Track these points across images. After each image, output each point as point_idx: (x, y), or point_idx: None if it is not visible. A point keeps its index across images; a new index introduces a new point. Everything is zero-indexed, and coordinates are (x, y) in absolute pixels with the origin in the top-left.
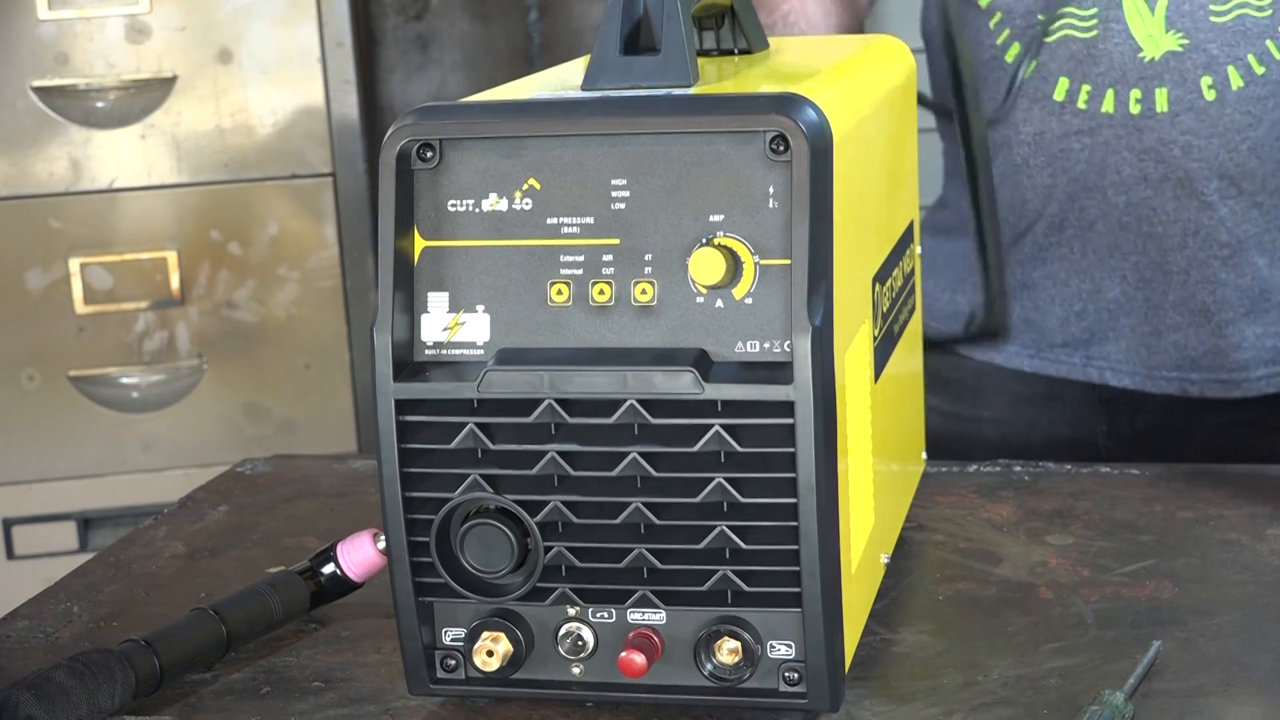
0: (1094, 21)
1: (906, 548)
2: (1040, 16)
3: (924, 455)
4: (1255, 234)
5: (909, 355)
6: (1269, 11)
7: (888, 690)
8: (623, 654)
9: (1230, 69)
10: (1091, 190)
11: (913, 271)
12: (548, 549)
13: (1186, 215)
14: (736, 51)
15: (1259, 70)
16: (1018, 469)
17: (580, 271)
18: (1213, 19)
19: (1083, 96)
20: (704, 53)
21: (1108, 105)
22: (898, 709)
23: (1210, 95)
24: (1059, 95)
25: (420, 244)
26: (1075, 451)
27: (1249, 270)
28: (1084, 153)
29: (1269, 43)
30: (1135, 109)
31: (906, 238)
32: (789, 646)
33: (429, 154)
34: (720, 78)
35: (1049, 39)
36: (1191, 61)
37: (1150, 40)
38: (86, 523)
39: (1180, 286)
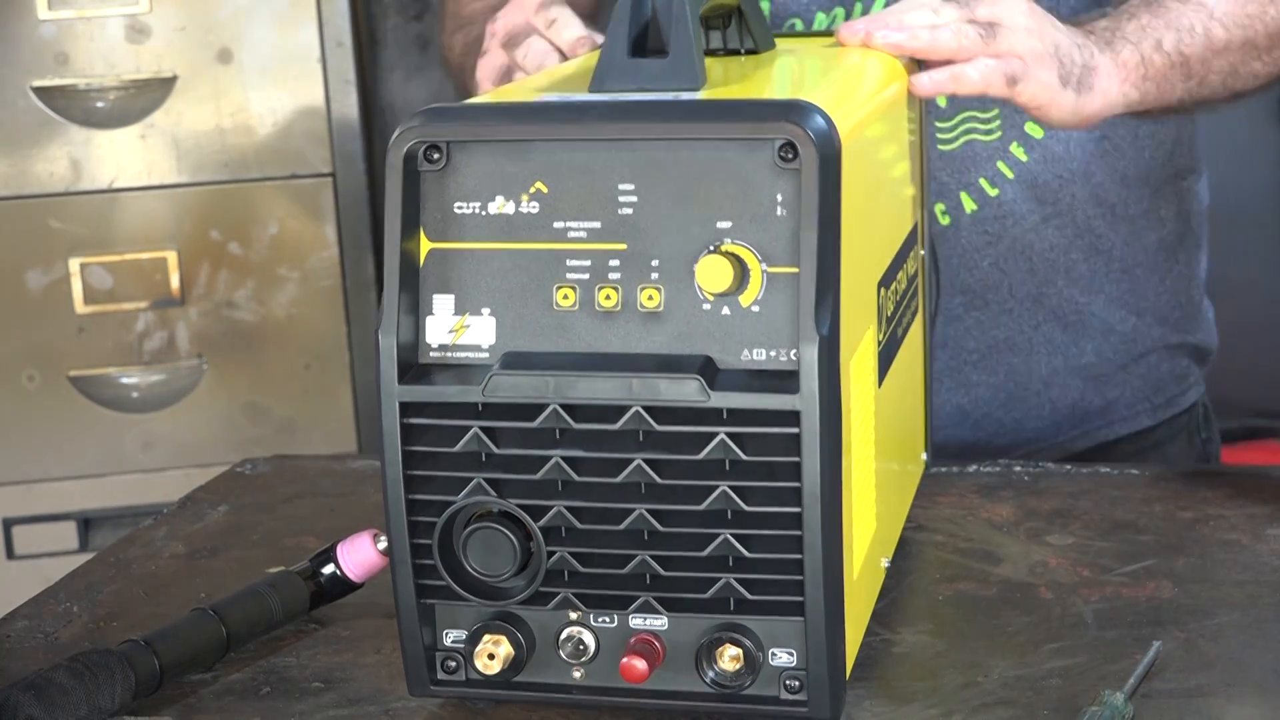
0: None
1: (906, 548)
2: None
3: (924, 456)
4: (1007, 337)
5: (912, 358)
6: (998, 134)
7: (888, 691)
8: (624, 659)
9: (963, 194)
10: None
11: (916, 274)
12: (550, 553)
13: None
14: (743, 51)
15: (991, 192)
16: (1018, 469)
17: (586, 276)
18: (941, 148)
19: None
20: (710, 52)
21: None
22: (898, 709)
23: (945, 220)
24: None
25: (426, 246)
26: None
27: (1001, 369)
28: None
29: (999, 164)
30: None
31: (911, 240)
32: (790, 654)
33: (436, 156)
34: (728, 80)
35: None
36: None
37: None
38: (86, 523)
39: (935, 394)
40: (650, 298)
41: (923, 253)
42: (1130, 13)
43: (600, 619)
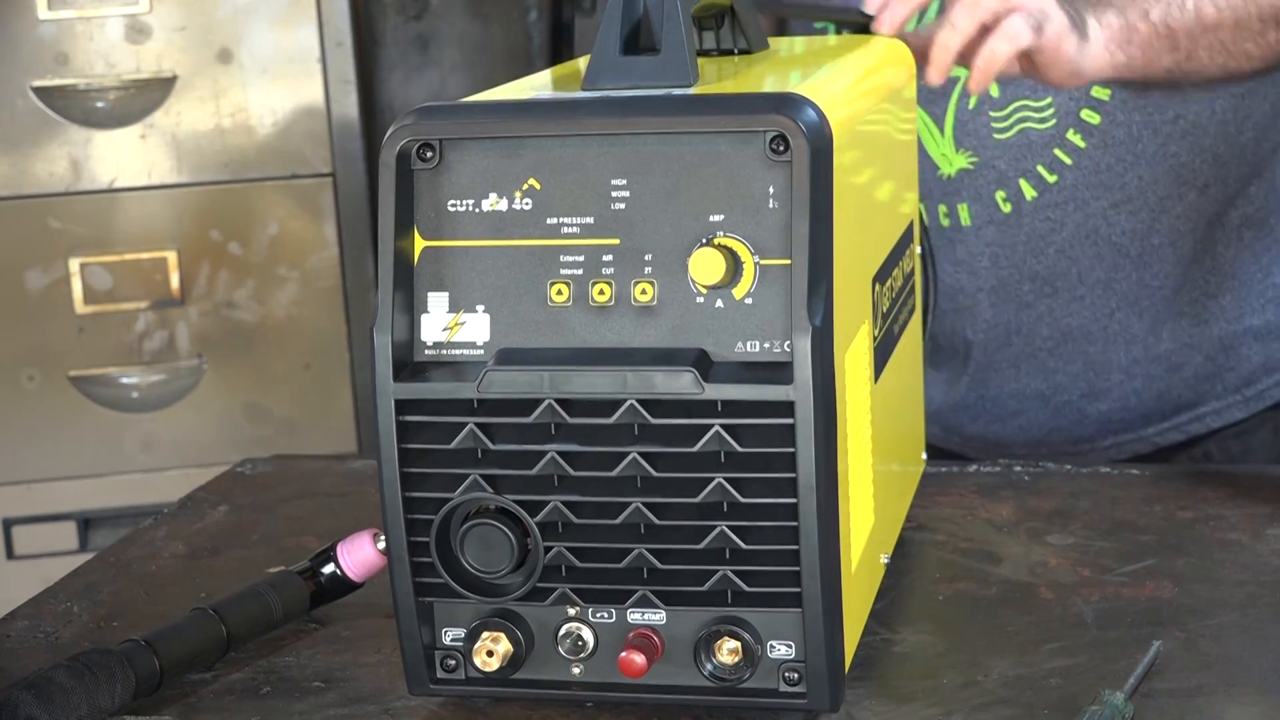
0: None
1: (906, 548)
2: None
3: (924, 455)
4: (1080, 325)
5: (909, 355)
6: (1051, 122)
7: (888, 690)
8: (623, 654)
9: (1021, 181)
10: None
11: (912, 271)
12: (548, 549)
13: (1005, 319)
14: (736, 51)
15: (1050, 179)
16: (1018, 469)
17: (580, 271)
18: (996, 136)
19: None
20: (704, 53)
21: (927, 218)
22: (898, 709)
23: (1006, 208)
24: None
25: (420, 244)
26: None
27: (1078, 358)
28: None
29: (1056, 151)
30: (945, 222)
31: (906, 238)
32: (789, 646)
33: (429, 154)
34: (720, 78)
35: None
36: (983, 177)
37: (944, 159)
38: (86, 523)
39: (1012, 380)
40: (644, 292)
41: (919, 249)
42: None
43: (598, 614)
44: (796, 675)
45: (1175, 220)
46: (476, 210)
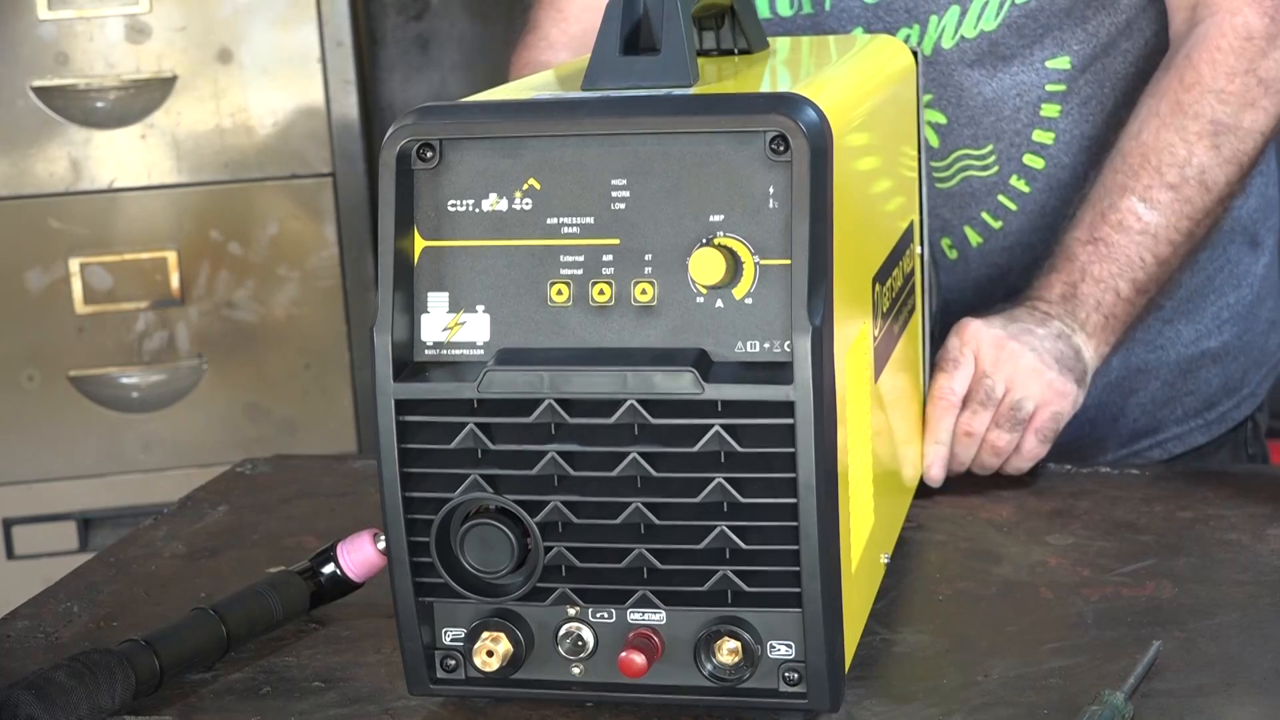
0: None
1: (906, 548)
2: None
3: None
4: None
5: (909, 356)
6: (994, 169)
7: (888, 690)
8: (623, 654)
9: (966, 229)
10: None
11: (913, 271)
12: (548, 549)
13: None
14: (736, 51)
15: (995, 225)
16: None
17: (580, 271)
18: (939, 185)
19: None
20: (704, 53)
21: None
22: (898, 709)
23: (953, 255)
24: None
25: (420, 244)
26: None
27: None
28: None
29: (1000, 197)
30: None
31: (906, 238)
32: (789, 646)
33: (429, 154)
34: (720, 78)
35: None
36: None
37: None
38: (86, 523)
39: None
40: (644, 292)
41: (920, 250)
42: (1080, 266)
43: (598, 614)
44: (796, 675)
45: None
46: (476, 210)
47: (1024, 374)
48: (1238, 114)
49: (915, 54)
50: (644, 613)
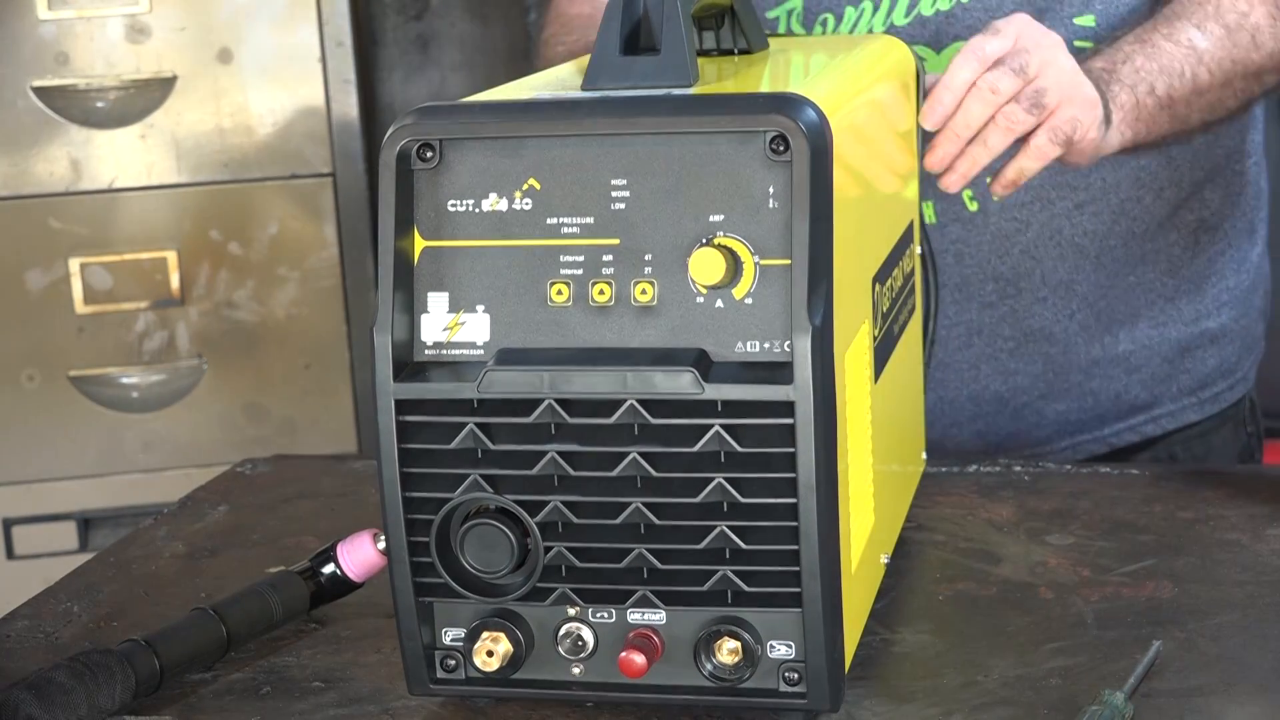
0: None
1: (906, 548)
2: None
3: (924, 455)
4: (1042, 326)
5: (909, 355)
6: None
7: (888, 690)
8: (623, 654)
9: (989, 180)
10: None
11: (912, 272)
12: (548, 549)
13: (967, 318)
14: (736, 51)
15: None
16: (1017, 469)
17: (580, 271)
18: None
19: None
20: (704, 53)
21: None
22: (898, 709)
23: (973, 206)
24: None
25: (420, 244)
26: None
27: (1039, 359)
28: None
29: None
30: None
31: (906, 238)
32: (789, 646)
33: (429, 154)
34: (720, 78)
35: None
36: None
37: None
38: (86, 523)
39: (972, 382)
40: (644, 292)
41: (919, 250)
42: (1125, 54)
43: (598, 614)
44: (796, 675)
45: (1132, 223)
46: (476, 210)
47: (1058, 68)
48: None
49: (916, 56)
50: (644, 613)
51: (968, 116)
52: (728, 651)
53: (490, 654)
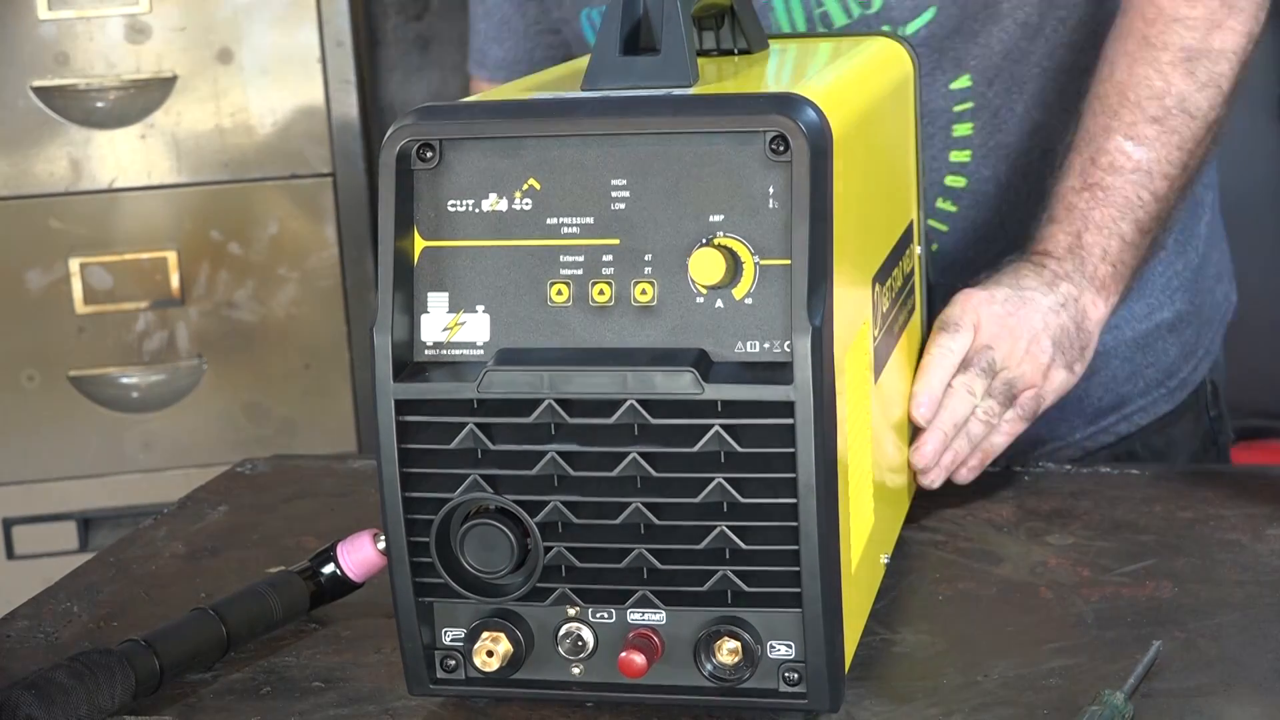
0: None
1: (906, 548)
2: None
3: None
4: None
5: (909, 355)
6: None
7: (888, 690)
8: (623, 654)
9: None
10: None
11: (912, 271)
12: (547, 549)
13: None
14: (736, 51)
15: (931, 249)
16: (1017, 469)
17: (580, 272)
18: None
19: None
20: (704, 53)
21: None
22: (898, 709)
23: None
24: None
25: (420, 244)
26: None
27: None
28: None
29: (930, 222)
30: None
31: (906, 238)
32: (789, 646)
33: (429, 154)
34: (720, 78)
35: None
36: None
37: None
38: (86, 523)
39: None
40: (644, 292)
41: (919, 250)
42: (1081, 216)
43: (598, 614)
44: (796, 675)
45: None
46: (476, 210)
47: (1019, 354)
48: (1206, 37)
49: (913, 55)
50: (644, 613)
51: (953, 416)
52: (728, 652)
53: (490, 654)
